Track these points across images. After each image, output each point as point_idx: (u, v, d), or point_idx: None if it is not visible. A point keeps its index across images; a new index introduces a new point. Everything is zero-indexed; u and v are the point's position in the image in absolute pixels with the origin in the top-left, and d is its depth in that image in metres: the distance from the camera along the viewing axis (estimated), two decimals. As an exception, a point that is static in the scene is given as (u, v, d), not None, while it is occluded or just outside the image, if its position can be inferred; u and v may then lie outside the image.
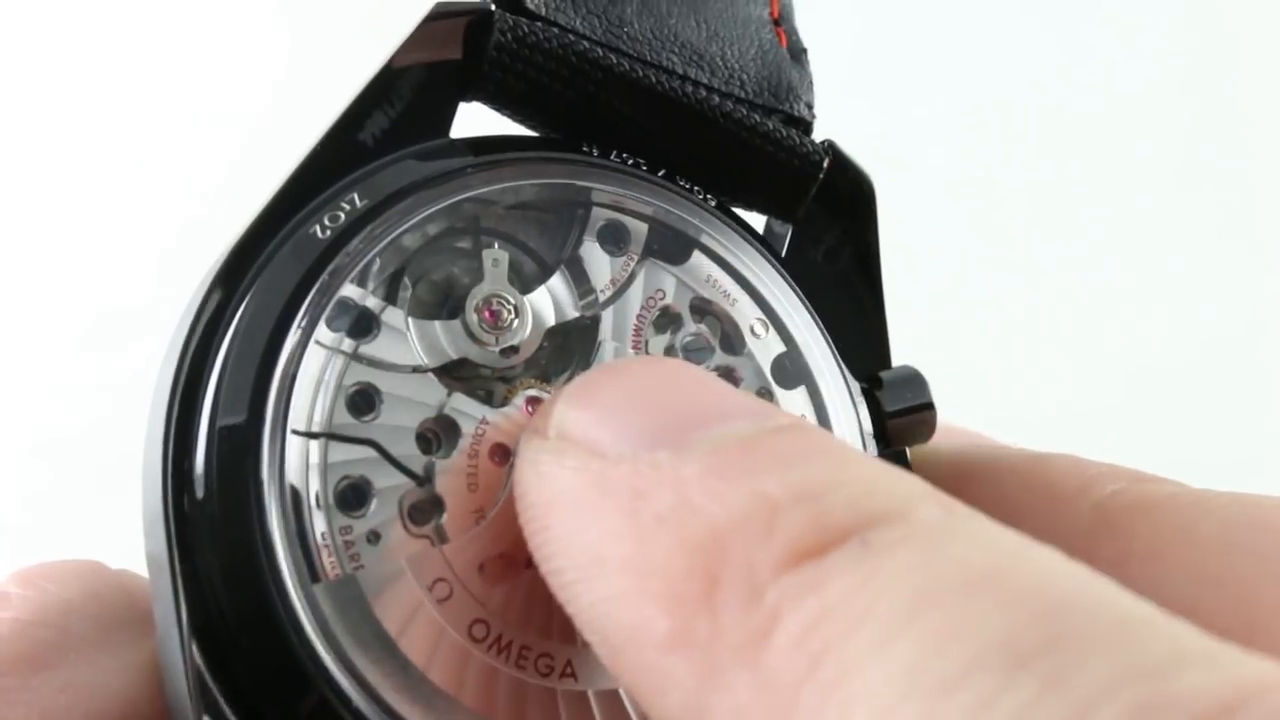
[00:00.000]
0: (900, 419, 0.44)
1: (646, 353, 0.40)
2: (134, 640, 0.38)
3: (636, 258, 0.41)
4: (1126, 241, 1.21)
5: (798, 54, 0.46)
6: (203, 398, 0.36)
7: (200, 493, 0.35)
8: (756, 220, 0.45)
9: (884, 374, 0.44)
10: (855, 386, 0.43)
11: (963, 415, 0.47)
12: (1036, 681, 0.23)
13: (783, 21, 0.47)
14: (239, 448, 0.35)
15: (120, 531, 0.41)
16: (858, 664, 0.25)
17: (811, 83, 0.46)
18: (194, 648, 0.34)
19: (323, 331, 0.37)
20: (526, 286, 0.40)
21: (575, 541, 0.31)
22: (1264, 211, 1.24)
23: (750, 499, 0.29)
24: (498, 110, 0.42)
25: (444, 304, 0.39)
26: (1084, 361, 1.17)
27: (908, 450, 0.45)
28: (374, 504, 0.36)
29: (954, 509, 0.29)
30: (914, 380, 0.45)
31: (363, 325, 0.37)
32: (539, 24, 0.40)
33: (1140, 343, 1.18)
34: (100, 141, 1.08)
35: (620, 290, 0.41)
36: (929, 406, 0.44)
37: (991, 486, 0.43)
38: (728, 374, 0.41)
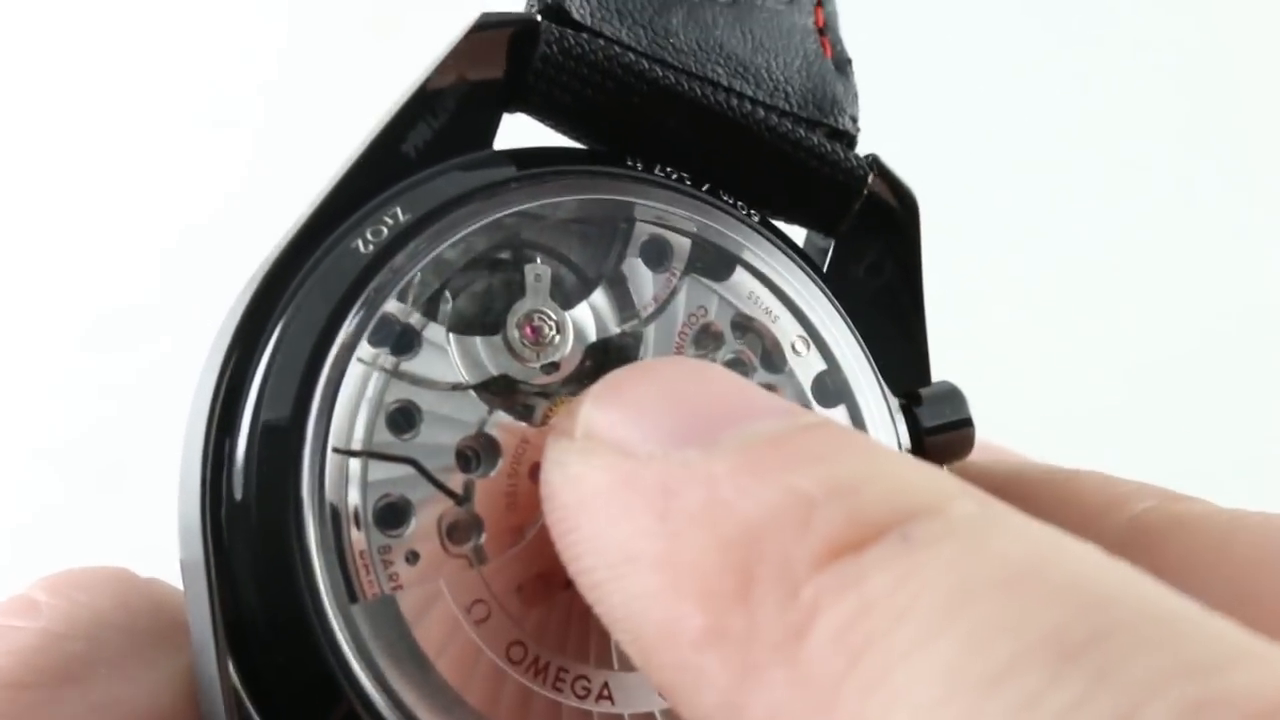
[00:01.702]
0: (938, 435, 0.43)
1: None
2: (165, 653, 0.38)
3: (679, 274, 0.41)
4: (1128, 241, 1.21)
5: (842, 65, 0.46)
6: (242, 414, 0.35)
7: (240, 509, 0.35)
8: (797, 234, 0.45)
9: (923, 390, 0.44)
10: (894, 403, 0.43)
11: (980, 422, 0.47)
12: (1084, 677, 0.23)
13: (828, 31, 0.46)
14: (280, 465, 0.35)
15: (121, 532, 0.41)
16: (899, 661, 0.25)
17: (856, 95, 0.45)
18: (230, 666, 0.34)
19: (364, 348, 0.36)
20: (568, 302, 0.39)
21: (606, 540, 0.30)
22: (1266, 210, 1.24)
23: (784, 494, 0.28)
24: (541, 121, 0.41)
25: (485, 319, 0.39)
26: (1091, 363, 1.16)
27: (945, 468, 0.45)
28: (413, 523, 0.36)
29: (989, 504, 0.28)
30: (953, 396, 0.44)
31: (404, 342, 0.37)
32: (584, 35, 0.40)
33: (1146, 343, 1.17)
34: (101, 142, 1.08)
35: (662, 307, 0.40)
36: (968, 423, 0.44)
37: (1021, 501, 0.43)
38: (770, 392, 0.41)
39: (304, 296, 0.36)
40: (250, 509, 0.35)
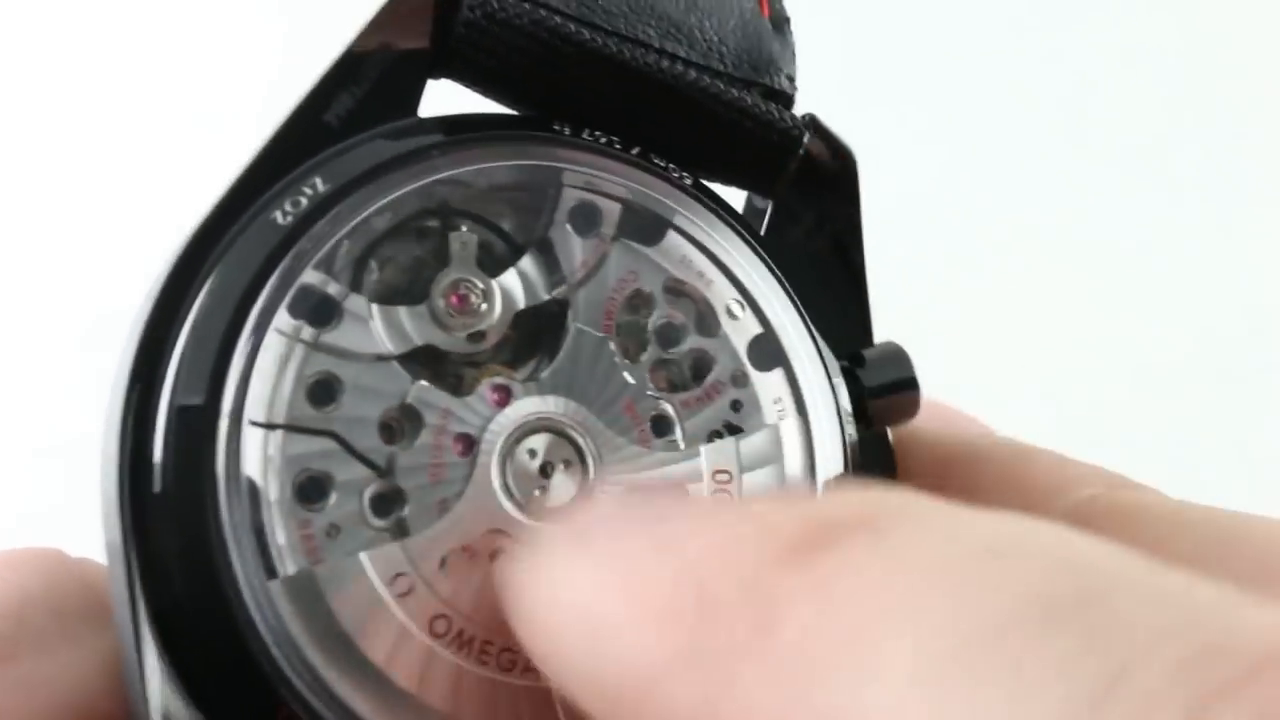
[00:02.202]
0: (882, 397, 0.43)
1: (618, 336, 0.39)
2: (94, 633, 0.37)
3: (609, 239, 0.40)
4: (1127, 236, 1.20)
5: (780, 23, 0.45)
6: (160, 386, 0.35)
7: (157, 482, 0.34)
8: (736, 196, 0.44)
9: (866, 351, 0.43)
10: (834, 365, 0.42)
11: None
12: (1074, 635, 0.22)
13: (766, -11, 0.46)
14: (195, 439, 0.34)
15: None
16: (879, 639, 0.24)
17: (794, 54, 0.45)
18: (154, 642, 0.34)
19: (282, 319, 0.36)
20: (495, 269, 0.39)
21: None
22: (1267, 210, 1.23)
23: (738, 519, 0.28)
24: (468, 87, 0.41)
25: (409, 289, 0.38)
26: (1082, 357, 1.16)
27: (889, 432, 0.44)
28: (334, 497, 0.35)
29: (949, 502, 0.28)
30: (896, 356, 0.43)
31: (324, 312, 0.36)
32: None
33: (1139, 338, 1.17)
34: (100, 142, 1.08)
35: (592, 272, 0.40)
36: (912, 383, 0.43)
37: (970, 475, 0.42)
38: (703, 357, 0.40)
39: (221, 270, 0.36)
40: (168, 485, 0.34)
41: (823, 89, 0.46)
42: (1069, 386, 1.13)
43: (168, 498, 0.34)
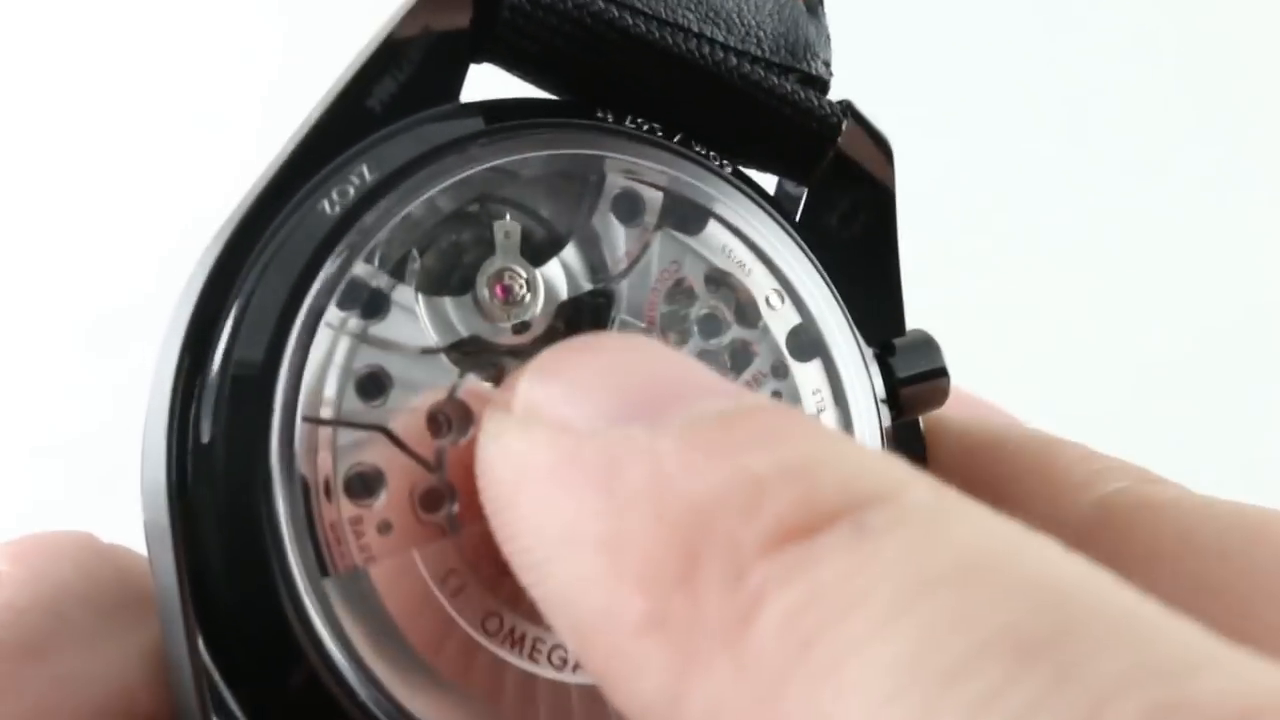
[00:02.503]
0: (913, 385, 0.43)
1: (661, 329, 0.39)
2: (131, 625, 0.37)
3: (652, 228, 0.40)
4: (1134, 234, 1.21)
5: (814, 6, 0.45)
6: (207, 382, 0.34)
7: (207, 484, 0.34)
8: (769, 181, 0.44)
9: (897, 340, 0.43)
10: (868, 353, 0.42)
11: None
12: (1043, 676, 0.22)
13: (799, -29, 0.45)
14: (248, 435, 0.34)
15: (123, 533, 0.40)
16: (850, 651, 0.24)
17: (829, 38, 0.44)
18: (200, 643, 0.34)
19: (332, 312, 0.35)
20: (539, 259, 0.38)
21: (544, 519, 0.29)
22: (1268, 211, 1.24)
23: (733, 474, 0.27)
24: (510, 72, 0.40)
25: (454, 279, 0.38)
26: (1093, 354, 1.17)
27: (920, 419, 0.44)
28: (384, 493, 0.35)
29: (945, 493, 0.28)
30: (927, 346, 0.44)
31: (373, 305, 0.36)
32: None
33: (1148, 336, 1.18)
34: (101, 142, 1.07)
35: (635, 262, 0.39)
36: (942, 372, 0.43)
37: (997, 465, 0.43)
38: (744, 348, 0.40)
39: (269, 260, 0.35)
40: (219, 481, 0.34)
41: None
42: (1068, 387, 1.14)
43: (218, 493, 0.34)
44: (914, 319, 0.44)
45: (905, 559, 0.25)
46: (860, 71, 0.46)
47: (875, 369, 0.42)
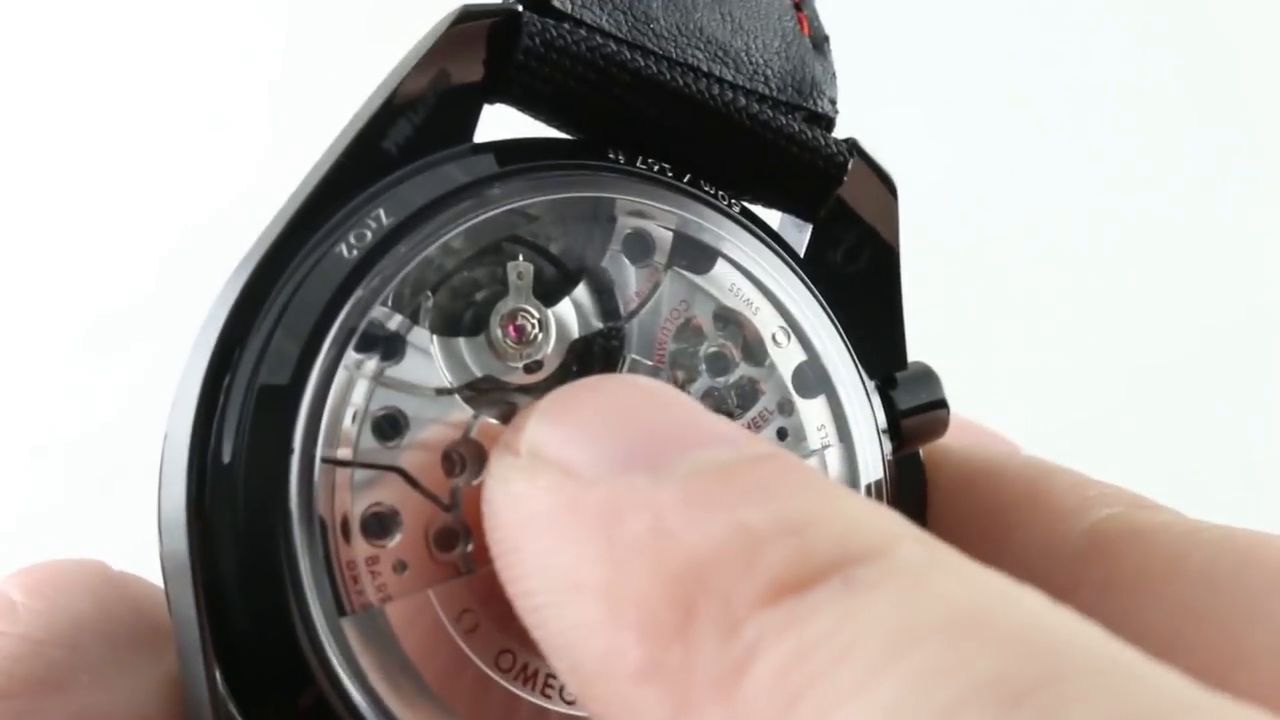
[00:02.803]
0: (913, 417, 0.44)
1: (670, 367, 0.40)
2: (146, 659, 0.37)
3: (661, 268, 0.40)
4: (1133, 242, 1.21)
5: (820, 43, 0.45)
6: (226, 422, 0.35)
7: (228, 526, 0.34)
8: (773, 216, 0.45)
9: (899, 373, 0.44)
10: (870, 385, 0.43)
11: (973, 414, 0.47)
12: (1029, 717, 0.23)
13: (804, 6, 0.46)
14: (267, 476, 0.34)
15: (123, 533, 0.40)
16: (839, 703, 0.25)
17: (834, 75, 0.45)
18: (219, 682, 0.34)
19: (349, 356, 0.36)
20: (551, 299, 0.39)
21: (547, 564, 0.30)
22: (1269, 212, 1.24)
23: (730, 529, 0.28)
24: (522, 111, 0.40)
25: (468, 320, 0.38)
26: (1089, 364, 1.17)
27: (920, 450, 0.45)
28: (400, 532, 0.36)
29: (936, 548, 0.28)
30: (927, 378, 0.44)
31: (389, 347, 0.36)
32: (566, 25, 0.39)
33: (1144, 344, 1.18)
34: (101, 142, 1.07)
35: (645, 302, 0.40)
36: (942, 404, 0.44)
37: (994, 493, 0.43)
38: (751, 386, 0.41)
39: (289, 303, 0.36)
40: (238, 521, 0.34)
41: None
42: (1068, 387, 1.15)
43: (239, 537, 0.34)
44: (914, 319, 0.45)
45: (893, 612, 0.26)
46: (860, 72, 0.46)
47: (878, 401, 0.43)
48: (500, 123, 0.41)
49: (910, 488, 0.44)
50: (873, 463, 0.42)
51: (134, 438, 0.36)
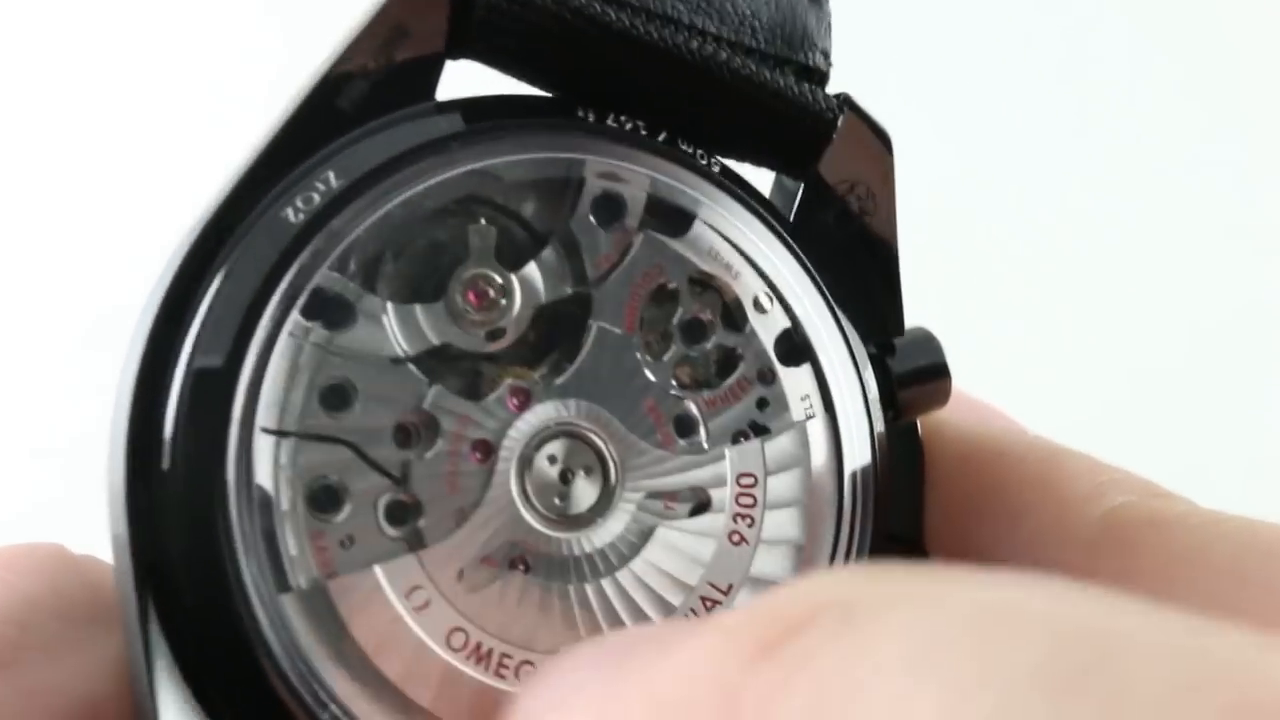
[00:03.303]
0: (911, 386, 0.41)
1: (641, 333, 0.38)
2: (99, 637, 0.36)
3: (634, 230, 0.38)
4: (1133, 237, 1.19)
5: None
6: (167, 393, 0.34)
7: (167, 493, 0.33)
8: (764, 177, 0.43)
9: (895, 339, 0.42)
10: (864, 356, 0.41)
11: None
12: (1095, 701, 0.20)
13: (801, -46, 0.43)
14: (205, 447, 0.33)
15: None
16: None
17: (830, 26, 0.42)
18: (163, 651, 0.33)
19: (295, 321, 0.34)
20: (516, 262, 0.37)
21: None
22: (1268, 213, 1.21)
23: (701, 632, 0.25)
24: (489, 66, 0.39)
25: (426, 286, 0.37)
26: (1091, 358, 1.15)
27: (919, 422, 0.43)
28: (348, 507, 0.34)
29: (928, 566, 0.26)
30: (926, 342, 0.42)
31: (338, 314, 0.35)
32: None
33: (1146, 339, 1.16)
34: (100, 141, 1.07)
35: (615, 266, 0.38)
36: (942, 370, 0.42)
37: (999, 474, 0.41)
38: (728, 354, 0.39)
39: (231, 268, 0.34)
40: (177, 494, 0.33)
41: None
42: (1067, 388, 1.13)
43: (177, 510, 0.33)
44: (913, 319, 0.43)
45: (909, 627, 0.23)
46: (858, 74, 0.44)
47: (870, 372, 0.40)
48: (475, 82, 0.39)
49: (906, 464, 0.42)
50: (860, 440, 0.39)
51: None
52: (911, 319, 0.43)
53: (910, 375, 0.41)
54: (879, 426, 0.40)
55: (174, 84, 1.08)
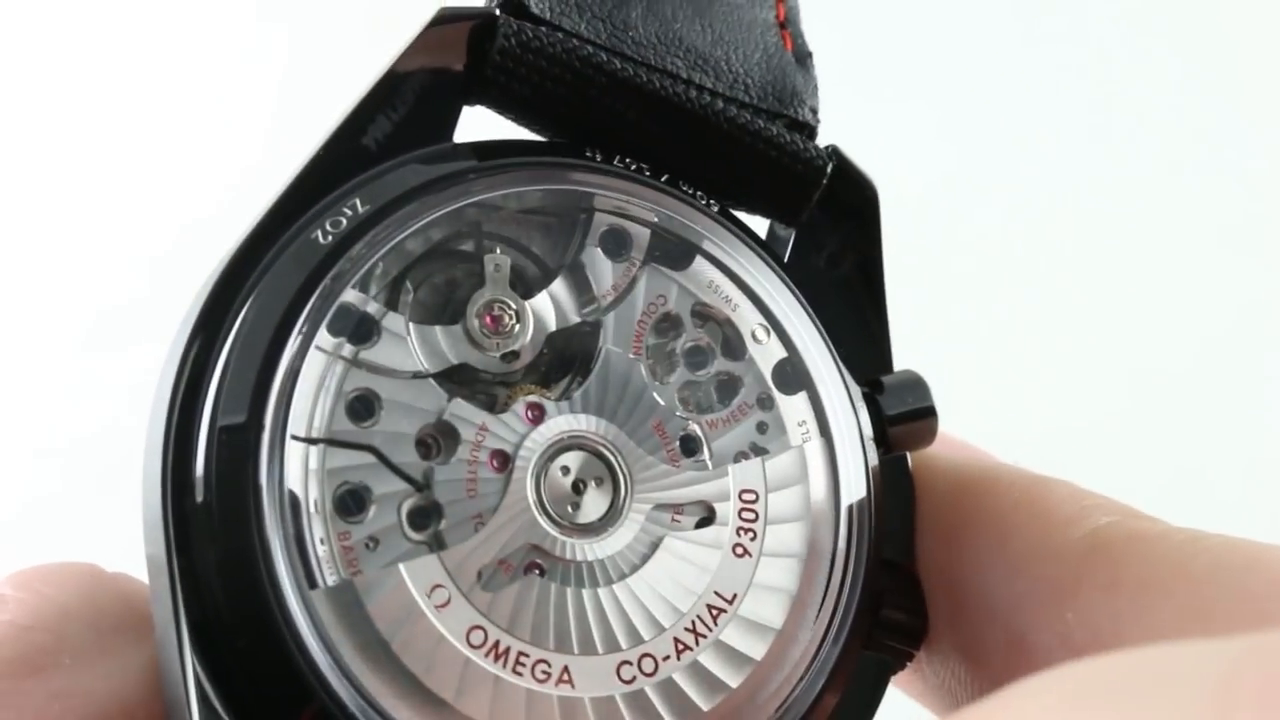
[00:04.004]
0: (901, 424, 0.44)
1: (647, 359, 0.40)
2: (131, 645, 0.38)
3: (639, 263, 0.41)
4: (1125, 247, 1.21)
5: (803, 58, 0.46)
6: (203, 402, 0.36)
7: (200, 497, 0.35)
8: (760, 224, 0.45)
9: (885, 378, 0.44)
10: (856, 391, 0.43)
11: (962, 425, 0.47)
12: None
13: (789, 25, 0.47)
14: (238, 453, 0.35)
15: (122, 533, 0.41)
16: None
17: (816, 87, 0.46)
18: (193, 653, 0.35)
19: (323, 337, 0.37)
20: (528, 291, 0.40)
21: None
22: (1268, 216, 1.24)
23: None
24: (502, 114, 0.42)
25: (445, 309, 0.39)
26: (1082, 371, 1.17)
27: (908, 456, 0.45)
28: (373, 510, 0.36)
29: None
30: (915, 385, 0.44)
31: (364, 330, 0.37)
32: (543, 28, 0.40)
33: (1139, 351, 1.17)
34: (101, 142, 1.08)
35: (622, 296, 0.41)
36: (930, 411, 0.44)
37: (988, 501, 0.43)
38: (730, 379, 0.41)
39: (264, 287, 0.37)
40: (211, 498, 0.35)
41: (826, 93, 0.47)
42: (1067, 390, 1.14)
43: (210, 510, 0.35)
44: (912, 320, 0.45)
45: None
46: (858, 74, 0.47)
47: (862, 405, 0.43)
48: (480, 129, 0.42)
49: (898, 494, 0.44)
50: (855, 468, 0.42)
51: (134, 437, 0.37)
52: (912, 323, 0.45)
53: (900, 414, 0.44)
54: (873, 461, 0.42)
55: (175, 84, 1.10)
